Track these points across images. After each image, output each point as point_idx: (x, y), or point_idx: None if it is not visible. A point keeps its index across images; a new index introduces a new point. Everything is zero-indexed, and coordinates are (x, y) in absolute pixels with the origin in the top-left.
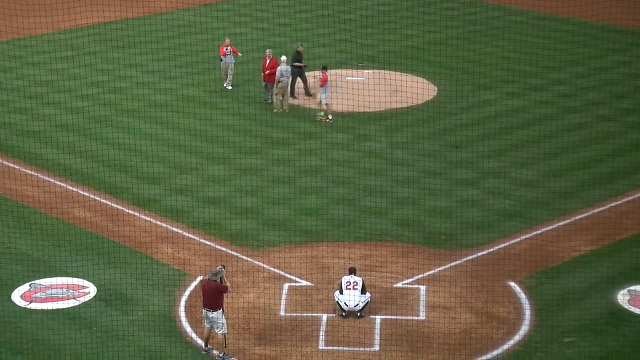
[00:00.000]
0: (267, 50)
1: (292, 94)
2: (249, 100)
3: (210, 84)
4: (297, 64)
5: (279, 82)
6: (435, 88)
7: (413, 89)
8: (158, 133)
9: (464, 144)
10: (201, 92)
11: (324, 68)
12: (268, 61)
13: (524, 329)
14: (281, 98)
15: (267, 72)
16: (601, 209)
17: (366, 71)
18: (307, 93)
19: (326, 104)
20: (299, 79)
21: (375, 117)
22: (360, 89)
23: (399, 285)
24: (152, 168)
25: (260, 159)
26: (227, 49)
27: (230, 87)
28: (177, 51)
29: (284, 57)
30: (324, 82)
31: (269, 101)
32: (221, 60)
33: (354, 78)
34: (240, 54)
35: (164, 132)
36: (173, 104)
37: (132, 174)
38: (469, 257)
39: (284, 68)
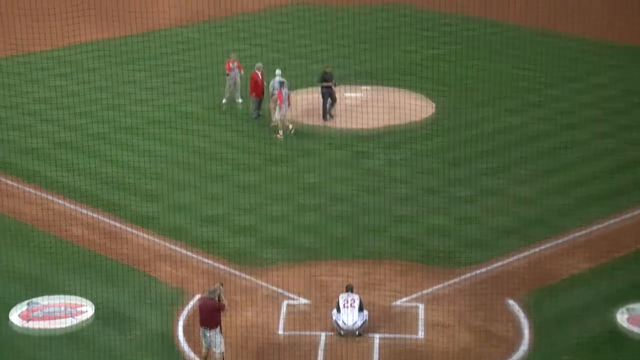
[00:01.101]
0: (259, 64)
1: (325, 117)
2: (248, 117)
3: (209, 101)
4: (326, 84)
5: (272, 95)
6: (434, 105)
7: (411, 106)
8: (156, 150)
9: (462, 161)
10: (199, 108)
11: (281, 84)
12: (260, 76)
13: (523, 347)
14: (277, 111)
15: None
16: (599, 226)
17: (364, 87)
18: (330, 114)
19: (279, 120)
20: (329, 100)
21: (373, 134)
22: (358, 105)
23: (398, 303)
24: (151, 185)
25: (259, 176)
26: (233, 64)
27: (240, 101)
28: (176, 68)
29: (278, 71)
30: (281, 99)
31: (255, 116)
32: (227, 75)
33: (352, 94)
34: (242, 71)
35: (163, 149)
36: (171, 121)
37: (131, 192)
38: (468, 275)
39: (277, 81)
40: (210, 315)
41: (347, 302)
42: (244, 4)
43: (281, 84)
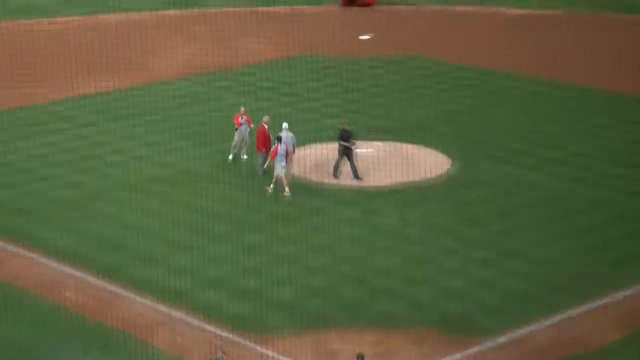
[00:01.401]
0: (266, 117)
1: (335, 174)
2: (253, 173)
3: (213, 157)
4: (344, 142)
5: None
6: (449, 161)
7: (426, 162)
8: (157, 209)
9: (480, 220)
10: (202, 165)
11: (278, 139)
12: (267, 129)
13: None
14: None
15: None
16: (627, 293)
17: (376, 143)
18: (356, 176)
19: (277, 175)
20: (345, 159)
21: (386, 191)
22: (370, 161)
23: None
24: (150, 246)
25: (264, 236)
26: (242, 118)
27: (246, 157)
28: (177, 122)
29: (285, 124)
30: (274, 155)
31: (262, 172)
32: (236, 129)
33: (363, 150)
34: (252, 125)
35: (163, 208)
36: (173, 178)
37: (129, 253)
38: (488, 344)
39: (283, 135)
40: None
41: None
42: (248, 57)
43: (278, 139)
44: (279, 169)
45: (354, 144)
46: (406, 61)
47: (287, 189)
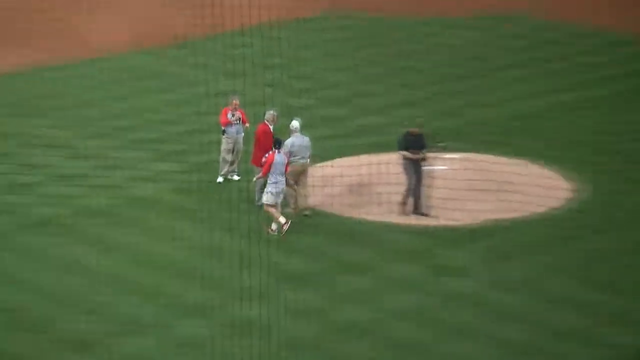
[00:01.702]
0: (271, 112)
1: (403, 208)
2: (249, 201)
3: (182, 177)
4: (409, 154)
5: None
6: (570, 185)
7: (531, 187)
8: (91, 263)
9: (620, 283)
10: (165, 190)
11: (276, 144)
12: (272, 130)
13: None
14: (295, 190)
15: None
16: None
17: (450, 156)
18: (419, 210)
19: (265, 202)
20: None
21: (466, 234)
22: (441, 186)
23: None
24: (82, 324)
25: (266, 306)
26: (233, 115)
27: (237, 178)
28: (128, 121)
29: (295, 124)
30: (267, 168)
31: (261, 204)
32: (224, 132)
33: (431, 167)
34: (248, 124)
35: (101, 261)
36: (117, 211)
37: (48, 335)
38: None
39: (297, 141)
40: None
41: None
42: (243, 17)
43: (276, 144)
44: (272, 193)
45: (424, 157)
46: (495, 24)
47: (282, 220)
